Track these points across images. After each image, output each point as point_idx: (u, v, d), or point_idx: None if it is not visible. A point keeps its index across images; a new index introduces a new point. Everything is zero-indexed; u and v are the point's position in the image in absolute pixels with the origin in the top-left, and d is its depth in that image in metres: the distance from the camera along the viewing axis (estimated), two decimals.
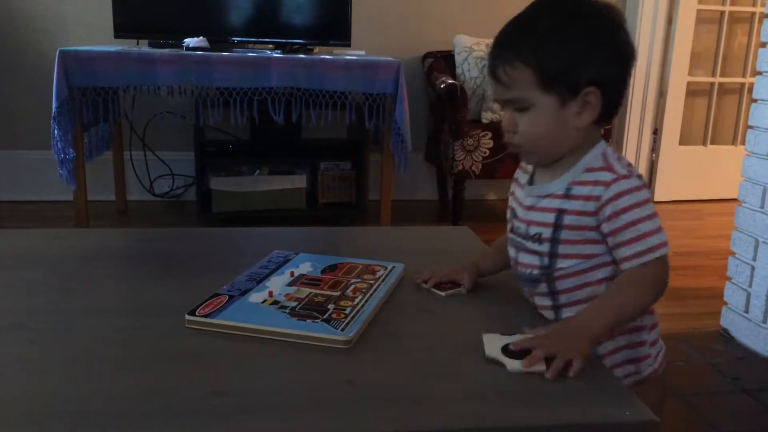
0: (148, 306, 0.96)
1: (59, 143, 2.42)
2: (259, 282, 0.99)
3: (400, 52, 3.18)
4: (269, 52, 2.75)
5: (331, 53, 2.80)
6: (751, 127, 1.94)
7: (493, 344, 0.81)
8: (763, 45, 1.92)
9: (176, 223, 2.99)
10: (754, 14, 3.67)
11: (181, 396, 0.70)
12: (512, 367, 0.77)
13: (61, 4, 3.07)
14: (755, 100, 1.93)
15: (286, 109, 2.57)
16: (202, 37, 2.65)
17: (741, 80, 3.75)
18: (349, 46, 2.91)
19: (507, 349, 0.79)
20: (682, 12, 3.50)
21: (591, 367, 0.80)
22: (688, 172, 3.69)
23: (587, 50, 0.87)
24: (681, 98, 3.62)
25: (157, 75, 2.47)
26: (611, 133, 3.15)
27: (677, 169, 3.67)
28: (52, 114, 2.39)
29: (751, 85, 2.01)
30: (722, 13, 3.63)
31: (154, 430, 0.65)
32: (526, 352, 0.78)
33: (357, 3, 2.94)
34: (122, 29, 2.73)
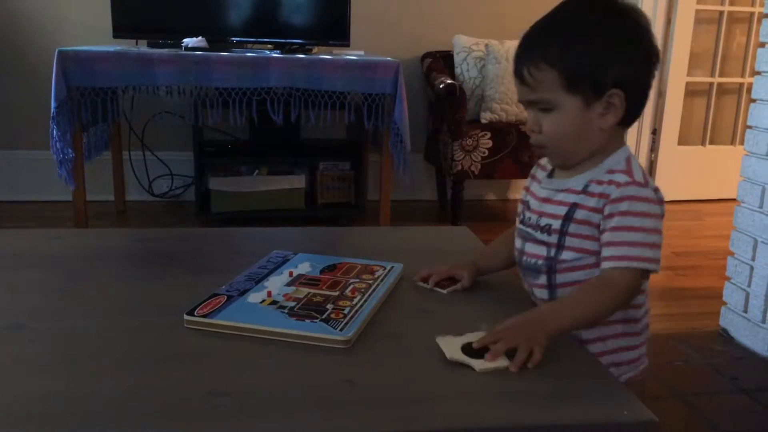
0: (147, 306, 0.96)
1: (58, 143, 2.42)
2: (258, 282, 0.99)
3: (399, 52, 3.18)
4: (268, 53, 2.75)
5: (330, 53, 2.80)
6: (750, 127, 1.94)
7: (451, 346, 0.80)
8: (761, 45, 1.92)
9: (175, 224, 2.99)
10: (752, 14, 3.67)
11: (179, 396, 0.70)
12: (480, 366, 0.76)
13: (60, 4, 3.07)
14: (754, 100, 1.93)
15: (285, 110, 2.57)
16: (201, 37, 2.65)
17: (740, 80, 3.75)
18: (348, 46, 2.91)
19: (468, 349, 0.79)
20: (680, 12, 3.50)
21: (590, 367, 0.80)
22: (687, 172, 3.69)
23: (612, 52, 0.88)
24: (680, 98, 3.62)
25: (156, 75, 2.47)
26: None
27: (676, 169, 3.67)
28: (51, 114, 2.39)
29: (750, 85, 2.01)
30: (721, 13, 3.63)
31: (152, 430, 0.65)
32: (487, 349, 0.78)
33: (356, 3, 2.94)
34: (121, 29, 2.73)
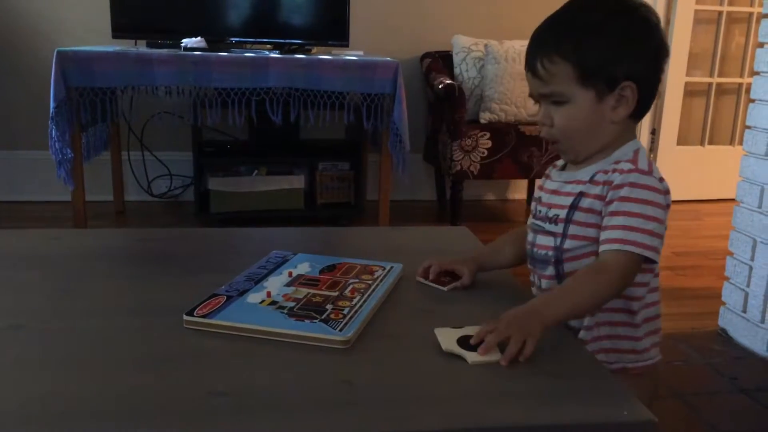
0: (146, 306, 0.96)
1: (57, 143, 2.42)
2: (258, 282, 0.99)
3: (399, 52, 3.19)
4: (267, 53, 2.75)
5: (329, 53, 2.80)
6: (749, 127, 1.94)
7: (448, 338, 0.81)
8: (760, 45, 1.92)
9: (174, 224, 2.99)
10: (751, 14, 3.68)
11: (179, 396, 0.70)
12: (472, 359, 0.77)
13: (59, 4, 3.07)
14: (753, 101, 1.93)
15: (284, 110, 2.57)
16: (200, 38, 2.65)
17: (739, 80, 3.76)
18: (347, 46, 2.91)
19: (464, 342, 0.80)
20: (679, 12, 3.50)
21: (590, 367, 0.80)
22: (686, 172, 3.69)
23: (625, 46, 0.90)
24: (679, 98, 3.63)
25: (155, 75, 2.47)
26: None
27: (675, 169, 3.67)
28: (50, 114, 2.39)
29: (749, 85, 2.01)
30: (720, 13, 3.64)
31: (152, 430, 0.65)
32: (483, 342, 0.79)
33: (355, 3, 2.94)
34: (120, 29, 2.73)
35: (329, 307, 0.90)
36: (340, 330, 0.83)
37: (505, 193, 3.69)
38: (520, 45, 3.09)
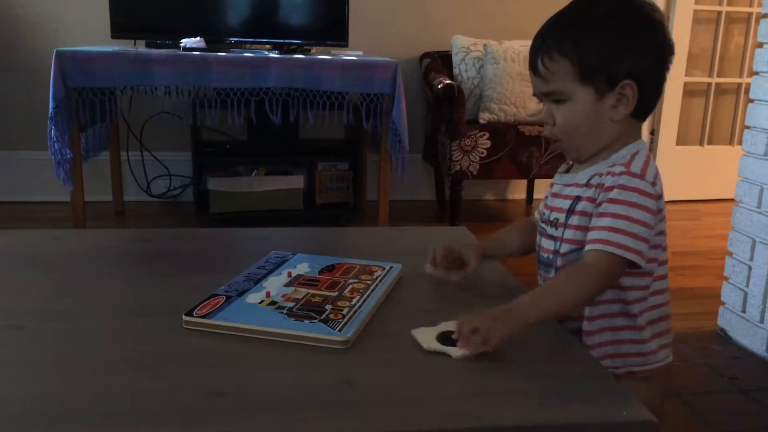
0: (146, 306, 0.96)
1: (56, 144, 2.42)
2: (257, 282, 0.99)
3: (398, 52, 3.19)
4: (266, 53, 2.75)
5: (329, 53, 2.80)
6: (748, 127, 1.94)
7: (427, 338, 0.82)
8: (759, 45, 1.92)
9: (173, 224, 2.99)
10: (750, 14, 3.68)
11: (178, 396, 0.70)
12: (456, 354, 0.79)
13: (58, 4, 3.07)
14: (752, 100, 1.94)
15: (284, 110, 2.57)
16: (199, 38, 2.65)
17: (738, 80, 3.76)
18: (346, 46, 2.91)
19: (444, 339, 0.81)
20: (678, 12, 3.51)
21: (590, 367, 0.80)
22: (686, 172, 3.69)
23: (626, 44, 0.89)
24: (678, 98, 3.63)
25: (154, 75, 2.47)
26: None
27: (674, 169, 3.67)
28: (49, 114, 2.39)
29: (748, 85, 2.01)
30: (719, 13, 3.64)
31: (151, 430, 0.65)
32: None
33: (354, 3, 2.94)
34: (119, 30, 2.73)
35: (328, 307, 0.90)
36: (340, 330, 0.83)
37: (505, 193, 3.69)
38: (519, 45, 3.09)
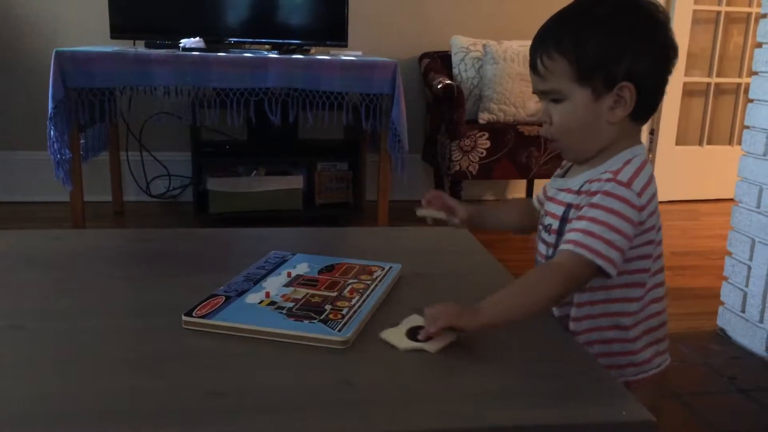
0: (145, 307, 0.96)
1: (55, 144, 2.42)
2: (256, 283, 0.99)
3: (397, 52, 3.19)
4: (266, 53, 2.75)
5: (328, 54, 2.80)
6: (748, 127, 1.94)
7: (398, 338, 0.84)
8: (759, 45, 1.93)
9: (173, 224, 2.98)
10: (750, 14, 3.68)
11: (177, 396, 0.70)
12: (433, 348, 0.81)
13: (58, 4, 3.07)
14: (751, 100, 1.94)
15: (283, 110, 2.57)
16: (198, 38, 2.65)
17: (737, 80, 3.76)
18: (345, 46, 2.91)
19: (414, 335, 0.83)
20: (678, 12, 3.51)
21: (589, 367, 0.80)
22: (685, 172, 3.69)
23: (625, 45, 0.87)
24: (677, 98, 3.63)
25: (154, 75, 2.47)
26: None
27: (674, 169, 3.68)
28: (49, 115, 2.39)
29: (747, 85, 2.01)
30: (718, 13, 3.64)
31: (151, 431, 0.65)
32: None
33: (354, 3, 2.94)
34: (119, 30, 2.73)
35: (328, 307, 0.90)
36: (339, 330, 0.83)
37: (504, 193, 3.69)
38: (518, 45, 3.09)
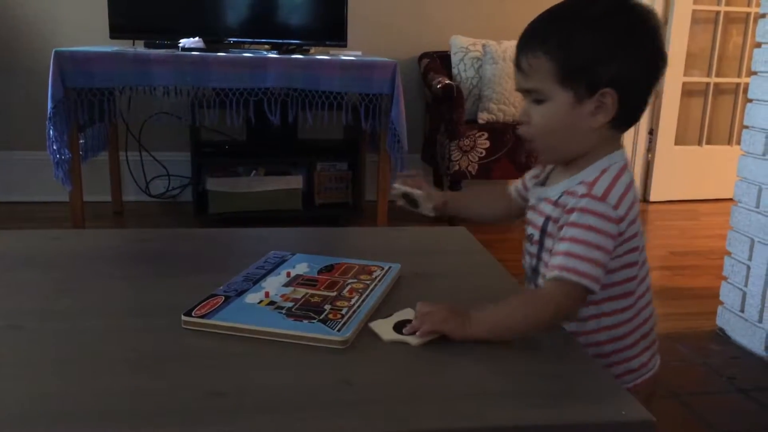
0: (145, 307, 0.95)
1: (55, 144, 2.42)
2: (256, 282, 0.98)
3: (397, 52, 3.19)
4: (265, 53, 2.75)
5: (328, 54, 2.80)
6: (747, 127, 1.94)
7: (385, 329, 0.85)
8: (758, 45, 1.93)
9: (172, 224, 2.98)
10: (749, 14, 3.68)
11: (177, 396, 0.70)
12: (415, 341, 0.83)
13: (57, 4, 3.06)
14: (750, 100, 1.94)
15: (283, 110, 2.57)
16: (197, 38, 2.65)
17: (736, 80, 3.76)
18: (345, 46, 2.91)
19: (400, 328, 0.85)
20: (677, 12, 3.51)
21: (588, 367, 0.80)
22: (684, 172, 3.69)
23: (612, 51, 0.85)
24: (677, 98, 3.63)
25: (153, 75, 2.47)
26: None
27: (673, 169, 3.68)
28: (48, 115, 2.39)
29: (747, 85, 2.02)
30: (717, 13, 3.64)
31: (150, 431, 0.64)
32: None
33: (353, 3, 2.94)
34: (118, 30, 2.73)
35: (327, 307, 0.90)
36: (339, 330, 0.83)
37: None
38: None
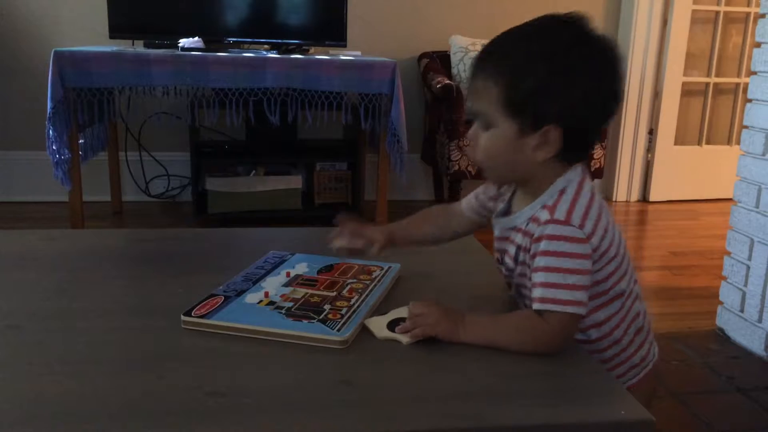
0: (144, 307, 0.95)
1: (54, 144, 2.42)
2: (255, 282, 0.99)
3: (396, 52, 3.19)
4: (265, 53, 2.75)
5: (327, 53, 2.80)
6: (746, 127, 1.94)
7: (379, 326, 0.87)
8: (757, 45, 1.93)
9: (172, 224, 2.98)
10: (748, 14, 3.68)
11: (177, 396, 0.70)
12: (406, 340, 0.84)
13: (56, 4, 3.06)
14: (750, 100, 1.94)
15: (282, 110, 2.57)
16: (197, 38, 2.65)
17: (736, 80, 3.76)
18: (344, 46, 2.90)
19: (394, 326, 0.86)
20: (677, 12, 3.51)
21: (588, 367, 0.80)
22: (684, 172, 3.70)
23: (561, 87, 0.83)
24: (676, 98, 3.63)
25: (153, 75, 2.46)
26: (607, 135, 3.15)
27: (672, 169, 3.68)
28: (47, 115, 2.39)
29: (746, 85, 2.02)
30: (717, 13, 3.64)
31: (150, 430, 0.64)
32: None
33: (352, 3, 2.94)
34: (117, 30, 2.73)
35: (327, 307, 0.90)
36: (338, 330, 0.83)
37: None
38: None
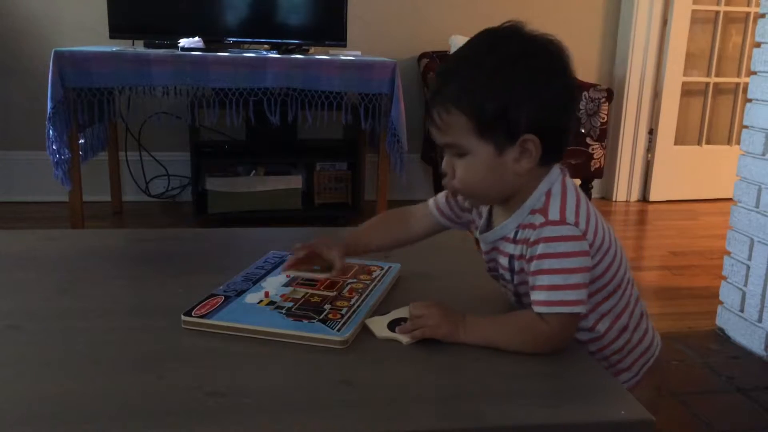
0: (145, 307, 0.96)
1: (54, 144, 2.42)
2: (255, 282, 0.99)
3: (396, 52, 3.18)
4: (265, 53, 2.75)
5: (327, 53, 2.80)
6: (746, 127, 1.94)
7: (379, 326, 0.87)
8: (757, 45, 1.93)
9: (172, 224, 2.98)
10: (748, 14, 3.68)
11: (177, 396, 0.70)
12: (406, 340, 0.84)
13: (56, 4, 3.06)
14: (750, 100, 1.94)
15: (282, 110, 2.57)
16: (197, 38, 2.65)
17: (736, 80, 3.76)
18: (344, 46, 2.90)
19: (394, 326, 0.86)
20: (676, 12, 3.51)
21: (588, 367, 0.80)
22: (684, 171, 3.69)
23: (524, 96, 0.83)
24: (676, 98, 3.63)
25: (153, 75, 2.46)
26: (606, 134, 3.15)
27: (672, 168, 3.68)
28: (47, 115, 2.39)
29: (746, 85, 2.02)
30: (717, 13, 3.64)
31: (150, 430, 0.64)
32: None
33: (352, 3, 2.94)
34: (117, 30, 2.73)
35: (327, 307, 0.90)
36: (338, 330, 0.83)
37: None
38: None
